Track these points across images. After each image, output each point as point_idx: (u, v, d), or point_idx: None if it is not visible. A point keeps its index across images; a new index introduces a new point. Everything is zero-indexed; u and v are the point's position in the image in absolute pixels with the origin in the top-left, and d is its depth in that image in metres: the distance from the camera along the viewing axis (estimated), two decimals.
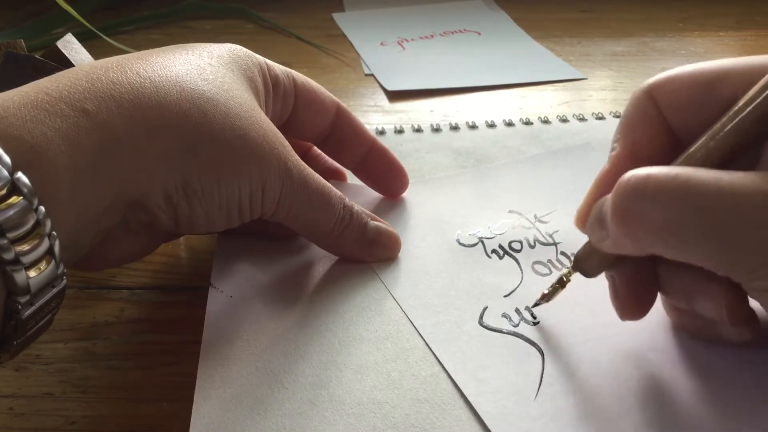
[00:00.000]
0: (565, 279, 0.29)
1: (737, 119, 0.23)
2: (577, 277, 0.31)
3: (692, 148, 0.24)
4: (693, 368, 0.26)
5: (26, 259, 0.21)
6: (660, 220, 0.22)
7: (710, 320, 0.25)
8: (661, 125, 0.26)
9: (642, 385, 0.26)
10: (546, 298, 0.29)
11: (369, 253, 0.33)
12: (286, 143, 0.30)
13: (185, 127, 0.26)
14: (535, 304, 0.30)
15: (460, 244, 0.34)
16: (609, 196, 0.24)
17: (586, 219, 0.26)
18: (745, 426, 0.24)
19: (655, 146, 0.26)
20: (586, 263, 0.27)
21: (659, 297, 0.27)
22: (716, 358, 0.27)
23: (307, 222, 0.31)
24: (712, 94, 0.25)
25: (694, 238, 0.21)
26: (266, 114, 0.30)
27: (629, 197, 0.22)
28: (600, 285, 0.30)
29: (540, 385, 0.26)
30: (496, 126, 0.47)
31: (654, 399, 0.25)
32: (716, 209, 0.21)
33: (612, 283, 0.27)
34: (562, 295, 0.30)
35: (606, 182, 0.26)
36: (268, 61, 0.33)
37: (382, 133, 0.46)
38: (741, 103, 0.23)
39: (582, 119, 0.47)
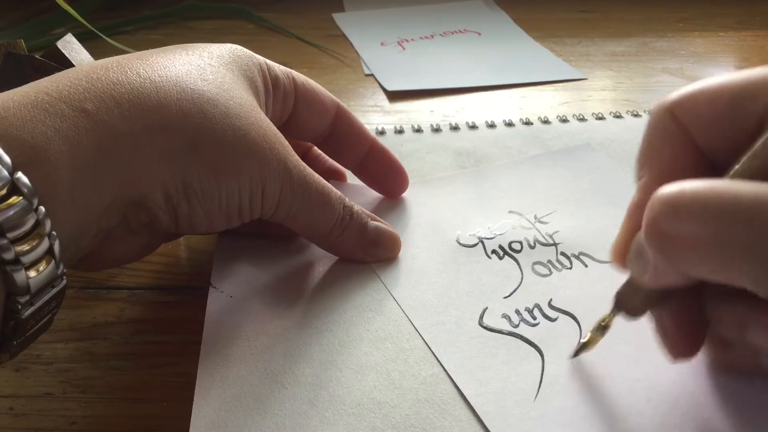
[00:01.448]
0: (604, 324, 0.26)
1: None
2: (577, 276, 0.31)
3: (733, 170, 0.22)
4: (694, 368, 0.26)
5: (26, 259, 0.21)
6: (697, 237, 0.20)
7: (754, 352, 0.24)
8: (688, 145, 0.24)
9: (642, 385, 0.26)
10: (585, 347, 0.27)
11: (369, 253, 0.33)
12: (286, 143, 0.30)
13: (185, 127, 0.26)
14: (575, 354, 0.27)
15: (460, 244, 0.34)
16: (641, 232, 0.22)
17: (623, 255, 0.25)
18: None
19: (684, 168, 0.24)
20: (629, 303, 0.25)
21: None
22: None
23: (307, 222, 0.31)
24: (742, 109, 0.23)
25: (735, 254, 0.19)
26: (266, 114, 0.30)
27: (663, 215, 0.20)
28: (600, 284, 0.30)
29: (540, 385, 0.26)
30: (496, 126, 0.47)
31: (654, 398, 0.25)
32: (758, 221, 0.19)
33: (660, 322, 0.25)
34: (562, 294, 0.30)
35: (639, 213, 0.23)
36: (268, 61, 0.33)
37: (382, 133, 0.46)
38: None
39: (582, 119, 0.47)
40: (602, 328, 0.26)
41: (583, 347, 0.27)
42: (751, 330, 0.22)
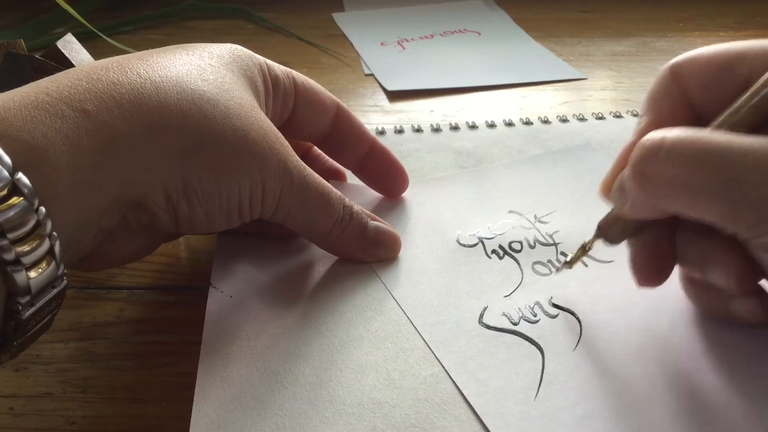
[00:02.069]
0: (587, 247, 0.30)
1: (756, 99, 0.24)
2: (577, 275, 0.31)
3: (714, 124, 0.25)
4: (694, 367, 0.26)
5: (27, 260, 0.21)
6: (672, 177, 0.23)
7: (717, 293, 0.27)
8: (683, 102, 0.28)
9: (643, 383, 0.26)
10: (569, 264, 0.30)
11: (369, 253, 0.33)
12: (286, 143, 0.30)
13: (185, 127, 0.26)
14: (558, 270, 0.31)
15: (460, 244, 0.34)
16: (625, 171, 0.25)
17: (609, 189, 0.28)
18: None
19: (678, 121, 0.27)
20: (609, 231, 0.28)
21: (679, 275, 0.29)
22: (718, 358, 0.27)
23: (307, 222, 0.31)
24: (731, 74, 0.26)
25: (703, 192, 0.22)
26: (266, 114, 0.30)
27: (646, 156, 0.24)
28: (600, 283, 0.30)
29: (540, 384, 0.26)
30: (496, 126, 0.47)
31: (655, 398, 0.25)
32: (724, 165, 0.22)
33: (633, 250, 0.28)
34: (562, 292, 0.30)
35: (629, 153, 0.27)
36: (268, 61, 0.33)
37: (382, 133, 0.46)
38: (759, 83, 0.24)
39: (582, 119, 0.47)
40: (584, 249, 0.30)
41: (566, 264, 0.31)
42: (712, 268, 0.26)
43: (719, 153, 0.22)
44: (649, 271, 0.28)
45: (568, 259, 0.30)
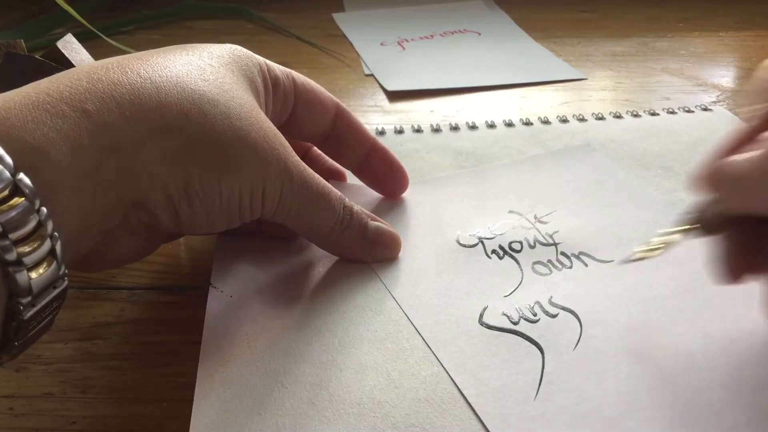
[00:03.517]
0: (683, 231, 0.27)
1: None
2: (577, 275, 0.31)
3: None
4: (694, 367, 0.26)
5: (28, 260, 0.21)
6: None
7: None
8: None
9: (642, 383, 0.26)
10: (650, 253, 0.27)
11: (369, 253, 0.33)
12: (287, 144, 0.30)
13: (186, 127, 0.26)
14: (629, 261, 0.28)
15: (460, 244, 0.34)
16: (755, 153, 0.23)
17: (713, 175, 0.25)
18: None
19: None
20: (709, 222, 0.26)
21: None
22: (717, 357, 0.27)
23: (308, 222, 0.31)
24: None
25: None
26: (266, 114, 0.30)
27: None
28: (600, 284, 0.30)
29: (540, 384, 0.26)
30: (496, 126, 0.47)
31: (654, 397, 0.25)
32: None
33: (727, 243, 0.26)
34: (562, 292, 0.30)
35: (745, 137, 0.25)
36: (268, 61, 0.33)
37: (382, 133, 0.46)
38: None
39: (582, 119, 0.47)
40: (681, 233, 0.27)
41: (646, 253, 0.27)
42: None
43: None
44: (743, 266, 0.25)
45: (650, 247, 0.27)
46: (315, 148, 0.38)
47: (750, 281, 0.26)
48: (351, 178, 0.38)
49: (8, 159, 0.21)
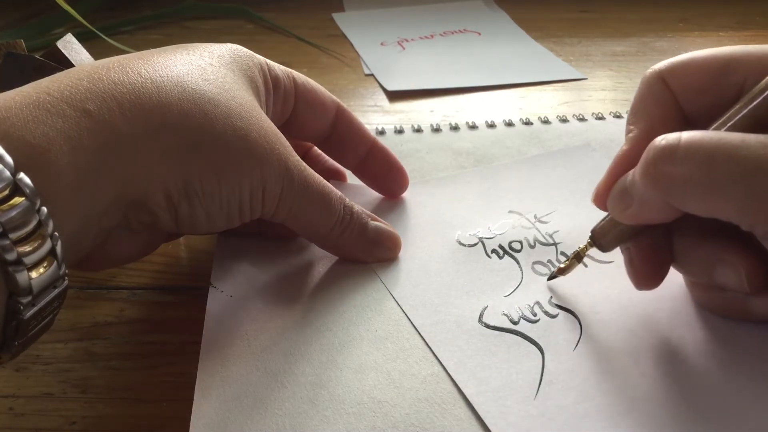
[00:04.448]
0: (581, 253, 0.30)
1: (753, 104, 0.24)
2: (577, 275, 0.31)
3: (717, 123, 0.25)
4: (694, 367, 0.26)
5: (28, 260, 0.21)
6: (690, 174, 0.23)
7: (732, 294, 0.27)
8: (674, 108, 0.28)
9: (642, 382, 0.26)
10: (562, 272, 0.30)
11: (369, 253, 0.33)
12: (287, 143, 0.30)
13: (186, 127, 0.26)
14: (551, 277, 0.31)
15: (460, 244, 0.34)
16: (635, 168, 0.25)
17: (604, 197, 0.28)
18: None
19: (670, 127, 0.27)
20: (603, 238, 0.29)
21: (682, 278, 0.29)
22: (717, 357, 0.27)
23: (308, 222, 0.31)
24: (725, 80, 0.26)
25: (722, 189, 0.22)
26: (267, 114, 0.31)
27: (662, 157, 0.24)
28: (600, 284, 0.30)
29: (540, 383, 0.26)
30: (496, 126, 0.47)
31: (655, 396, 0.25)
32: (744, 160, 0.22)
33: (627, 254, 0.28)
34: (562, 292, 0.30)
35: (625, 161, 0.27)
36: (268, 61, 0.33)
37: (382, 133, 0.46)
38: (756, 89, 0.24)
39: (582, 119, 0.47)
40: (578, 256, 0.30)
41: (559, 271, 0.31)
42: (718, 270, 0.26)
43: (736, 148, 0.22)
44: (648, 273, 0.28)
45: (562, 265, 0.30)
46: (315, 147, 0.38)
47: (659, 285, 0.28)
48: (351, 178, 0.38)
49: (8, 158, 0.21)
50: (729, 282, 0.26)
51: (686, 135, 0.23)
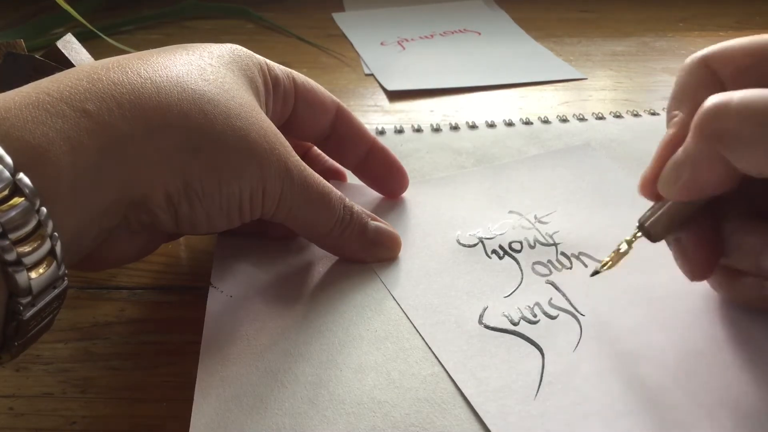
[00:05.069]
0: (629, 244, 0.29)
1: None
2: (577, 276, 0.31)
3: None
4: (693, 367, 0.26)
5: (28, 260, 0.21)
6: (744, 129, 0.23)
7: (757, 282, 0.27)
8: (720, 90, 0.27)
9: (642, 382, 0.26)
10: (606, 266, 0.29)
11: (369, 253, 0.33)
12: (287, 143, 0.30)
13: (186, 127, 0.26)
14: (596, 272, 0.29)
15: (460, 244, 0.34)
16: (687, 140, 0.25)
17: (653, 183, 0.27)
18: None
19: None
20: (653, 227, 0.28)
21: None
22: (717, 358, 0.27)
23: (308, 222, 0.31)
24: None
25: None
26: (266, 114, 0.31)
27: (715, 113, 0.23)
28: (600, 284, 0.30)
29: (540, 384, 0.26)
30: (496, 126, 0.47)
31: (654, 396, 0.25)
32: None
33: (678, 246, 0.28)
34: (563, 292, 0.30)
35: (672, 145, 0.27)
36: (268, 61, 0.33)
37: (382, 133, 0.46)
38: None
39: (582, 119, 0.47)
40: (622, 251, 0.29)
41: (604, 265, 0.29)
42: (765, 256, 0.25)
43: None
44: (703, 262, 0.27)
45: (607, 259, 0.29)
46: (315, 147, 0.38)
47: (711, 275, 0.28)
48: (351, 178, 0.38)
49: (8, 159, 0.21)
50: None
51: (739, 92, 0.23)
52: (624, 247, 0.29)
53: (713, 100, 0.24)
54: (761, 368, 0.26)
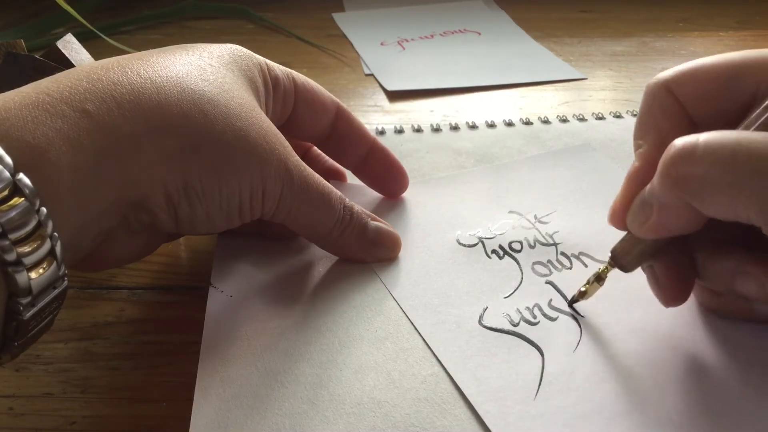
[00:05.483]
0: (602, 275, 0.29)
1: None
2: (577, 276, 0.31)
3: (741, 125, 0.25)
4: (693, 368, 0.26)
5: (28, 261, 0.21)
6: (710, 174, 0.22)
7: (745, 301, 0.27)
8: (682, 119, 0.27)
9: (642, 384, 0.26)
10: (583, 295, 0.29)
11: (369, 253, 0.33)
12: (287, 144, 0.30)
13: (186, 127, 0.26)
14: (572, 301, 0.30)
15: (460, 244, 0.34)
16: (654, 177, 0.24)
17: (622, 215, 0.27)
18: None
19: None
20: (625, 258, 0.28)
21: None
22: (717, 359, 0.27)
23: (308, 222, 0.31)
24: (736, 86, 0.26)
25: (743, 187, 0.22)
26: (266, 114, 0.31)
27: (681, 158, 0.23)
28: (606, 285, 0.30)
29: (540, 384, 0.26)
30: (496, 126, 0.47)
31: (654, 397, 0.25)
32: (766, 157, 0.21)
33: (651, 273, 0.28)
34: (563, 293, 0.30)
35: (638, 178, 0.27)
36: (268, 61, 0.33)
37: (382, 133, 0.46)
38: None
39: (582, 119, 0.47)
40: (599, 279, 0.29)
41: (580, 295, 0.29)
42: (739, 280, 0.26)
43: (757, 144, 0.22)
44: (676, 290, 0.27)
45: (583, 289, 0.29)
46: (315, 147, 0.38)
47: (686, 300, 0.27)
48: (351, 178, 0.38)
49: (8, 159, 0.21)
50: (751, 293, 0.26)
51: (704, 135, 0.23)
52: (596, 280, 0.29)
53: (679, 143, 0.23)
54: (760, 370, 0.26)
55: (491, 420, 0.24)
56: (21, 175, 0.21)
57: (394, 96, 0.55)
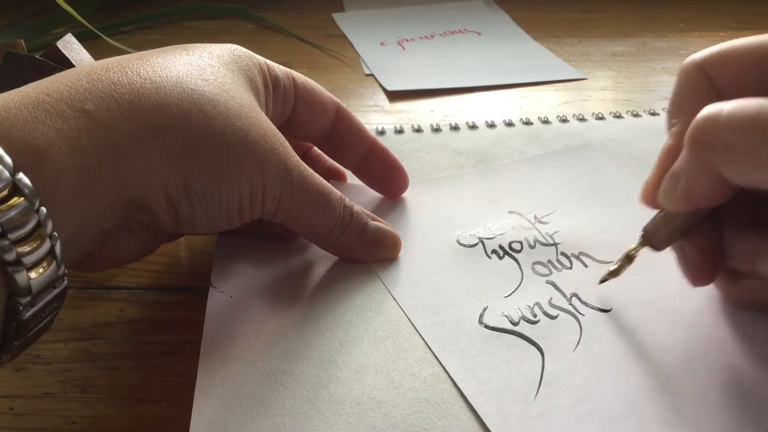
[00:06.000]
0: (632, 255, 0.29)
1: None
2: (577, 276, 0.31)
3: None
4: (693, 368, 0.26)
5: (28, 260, 0.21)
6: (733, 140, 0.23)
7: (760, 286, 0.27)
8: (716, 98, 0.27)
9: (642, 382, 0.26)
10: (613, 274, 0.30)
11: (369, 253, 0.33)
12: (287, 144, 0.30)
13: (186, 127, 0.26)
14: (603, 280, 0.30)
15: (460, 244, 0.34)
16: (682, 152, 0.25)
17: (653, 193, 0.28)
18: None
19: None
20: (656, 236, 0.28)
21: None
22: (717, 359, 0.27)
23: (308, 222, 0.31)
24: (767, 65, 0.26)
25: (764, 154, 0.22)
26: (266, 114, 0.31)
27: (705, 125, 0.24)
28: (601, 286, 0.30)
29: (540, 384, 0.26)
30: (496, 126, 0.47)
31: (654, 397, 0.25)
32: None
33: (681, 254, 0.28)
34: (563, 292, 0.30)
35: (671, 156, 0.27)
36: (268, 61, 0.33)
37: (382, 133, 0.46)
38: None
39: (582, 119, 0.47)
40: (629, 258, 0.29)
41: (610, 274, 0.30)
42: (763, 260, 0.26)
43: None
44: (705, 269, 0.28)
45: (613, 268, 0.30)
46: (315, 147, 0.38)
47: (713, 281, 0.28)
48: (351, 178, 0.38)
49: (8, 159, 0.21)
50: None
51: (730, 103, 0.23)
52: (626, 258, 0.29)
53: (705, 111, 0.24)
54: (762, 368, 0.26)
55: (491, 420, 0.24)
56: (21, 175, 0.21)
57: (394, 96, 0.55)
